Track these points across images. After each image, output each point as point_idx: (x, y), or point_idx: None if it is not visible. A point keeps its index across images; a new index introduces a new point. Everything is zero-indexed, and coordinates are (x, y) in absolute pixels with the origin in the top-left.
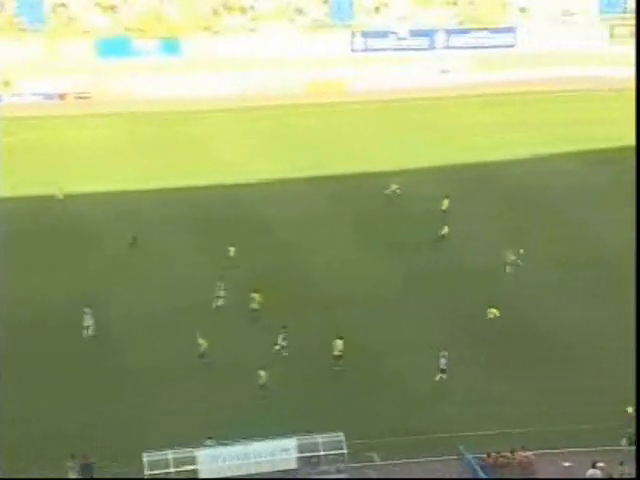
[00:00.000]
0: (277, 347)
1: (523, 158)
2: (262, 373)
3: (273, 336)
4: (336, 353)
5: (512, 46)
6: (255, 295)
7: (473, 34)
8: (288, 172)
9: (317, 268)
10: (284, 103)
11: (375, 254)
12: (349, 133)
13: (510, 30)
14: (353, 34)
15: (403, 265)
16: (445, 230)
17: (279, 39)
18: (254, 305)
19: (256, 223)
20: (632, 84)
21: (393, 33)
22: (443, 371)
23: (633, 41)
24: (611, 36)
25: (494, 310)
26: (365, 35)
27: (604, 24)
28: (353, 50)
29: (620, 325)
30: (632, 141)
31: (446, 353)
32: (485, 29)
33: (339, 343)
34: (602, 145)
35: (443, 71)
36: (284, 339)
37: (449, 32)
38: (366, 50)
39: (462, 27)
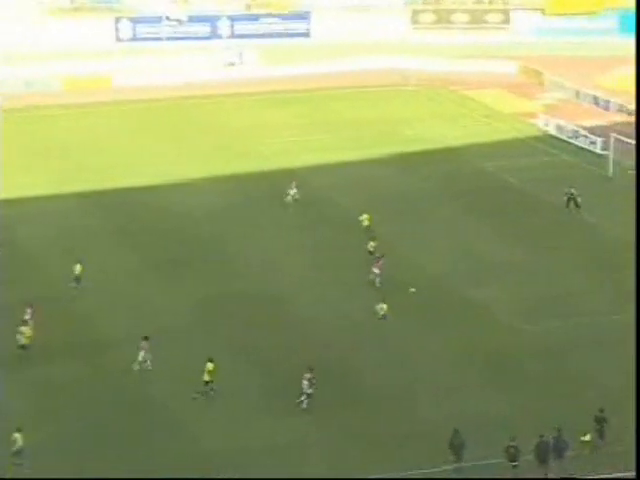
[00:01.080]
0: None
1: (317, 165)
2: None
3: None
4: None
5: (306, 35)
6: None
7: (262, 21)
8: (43, 187)
9: None
10: (34, 103)
11: None
12: (114, 138)
13: (303, 17)
14: (118, 20)
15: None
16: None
17: (19, 26)
18: None
19: None
20: (442, 76)
21: (167, 19)
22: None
23: (438, 28)
24: (413, 23)
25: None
26: (133, 21)
27: (406, 10)
28: (119, 39)
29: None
30: (446, 142)
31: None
32: (276, 15)
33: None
34: (412, 147)
35: (228, 64)
36: None
37: (234, 18)
38: (135, 39)
39: (249, 13)
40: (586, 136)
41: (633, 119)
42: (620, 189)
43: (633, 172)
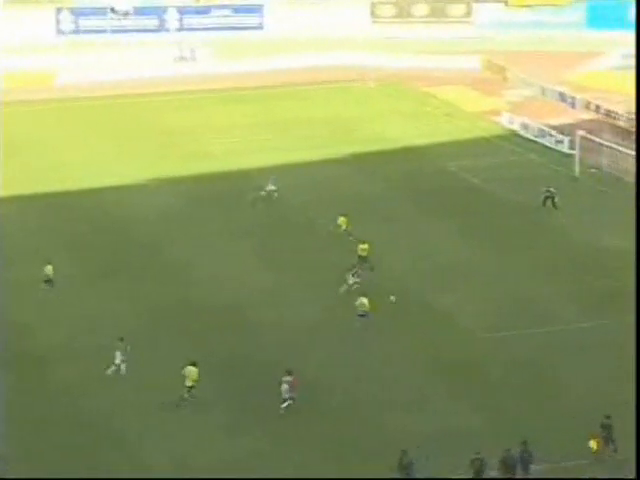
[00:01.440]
0: None
1: (272, 165)
2: None
3: None
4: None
5: (259, 28)
6: None
7: (213, 13)
8: None
9: None
10: None
11: None
12: (57, 138)
13: (256, 9)
14: (59, 10)
15: None
16: None
17: None
18: None
19: None
20: (402, 73)
21: (112, 10)
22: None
23: (398, 22)
24: (372, 16)
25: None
26: (75, 12)
27: (364, 2)
28: (60, 32)
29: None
30: (407, 141)
31: None
32: (227, 7)
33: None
34: (373, 147)
35: (177, 59)
36: None
37: (183, 10)
38: (77, 32)
39: (199, 5)
40: (552, 135)
41: (600, 117)
42: (586, 189)
43: (596, 171)
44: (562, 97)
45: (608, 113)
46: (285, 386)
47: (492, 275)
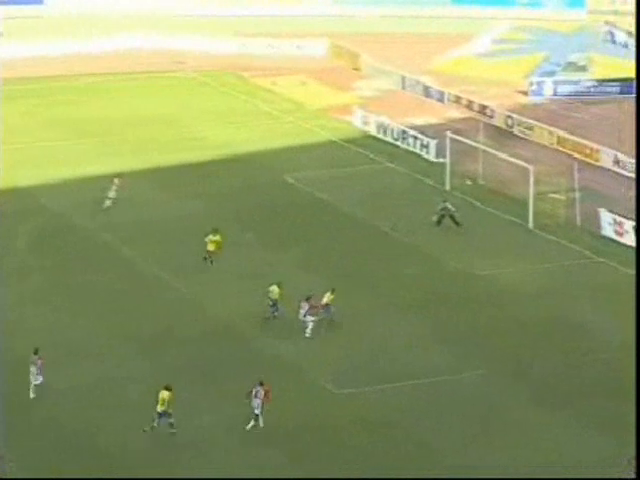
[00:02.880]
0: None
1: (50, 181)
2: None
3: None
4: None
5: (38, 2)
6: None
7: None
8: None
9: None
10: None
11: None
12: None
13: None
14: None
15: None
16: None
17: None
18: None
19: None
20: (228, 60)
21: None
22: None
23: None
24: None
25: None
26: None
27: None
28: None
29: None
30: (234, 147)
31: None
32: None
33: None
34: (186, 155)
35: None
36: None
37: None
38: None
39: None
40: (416, 137)
41: (474, 114)
42: (458, 206)
43: (471, 183)
44: (427, 90)
45: (483, 110)
46: (257, 401)
47: (344, 318)
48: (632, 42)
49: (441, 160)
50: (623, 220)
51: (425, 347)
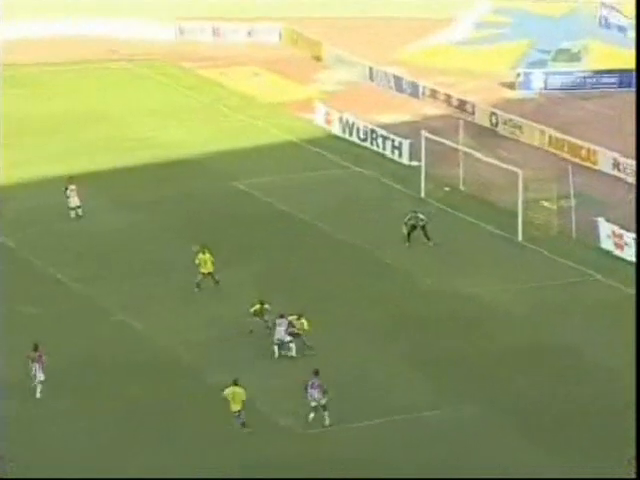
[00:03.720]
0: None
1: None
2: None
3: None
4: None
5: None
6: None
7: None
8: None
9: None
10: None
11: None
12: None
13: None
14: None
15: None
16: None
17: None
18: None
19: None
20: (167, 48)
21: None
22: None
23: None
24: None
25: None
26: None
27: None
28: None
29: None
30: (176, 150)
31: None
32: None
33: None
34: (120, 159)
35: None
36: None
37: None
38: None
39: None
40: (386, 137)
41: (452, 110)
42: (436, 215)
43: (449, 189)
44: (398, 83)
45: (463, 105)
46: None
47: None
48: (632, 26)
49: (415, 163)
50: (623, 232)
51: (400, 378)
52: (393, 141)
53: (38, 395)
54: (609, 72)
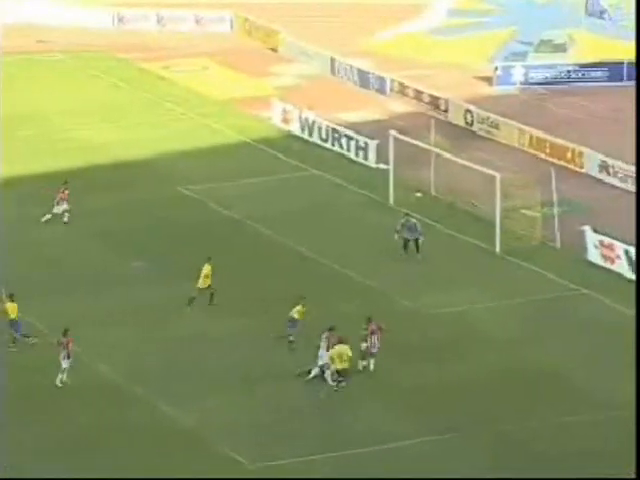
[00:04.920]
0: None
1: None
2: None
3: None
4: None
5: None
6: None
7: None
8: None
9: None
10: None
11: None
12: None
13: None
14: None
15: None
16: None
17: None
18: None
19: None
20: (106, 39)
21: None
22: None
23: None
24: None
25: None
26: None
27: None
28: None
29: None
30: (115, 152)
31: None
32: None
33: None
34: (52, 162)
35: None
36: None
37: None
38: None
39: None
40: (351, 137)
41: (424, 107)
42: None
43: (421, 195)
44: (364, 77)
45: (435, 102)
46: None
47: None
48: (622, 15)
49: (383, 166)
50: (613, 242)
51: (370, 406)
52: (358, 142)
53: (58, 383)
54: (597, 65)
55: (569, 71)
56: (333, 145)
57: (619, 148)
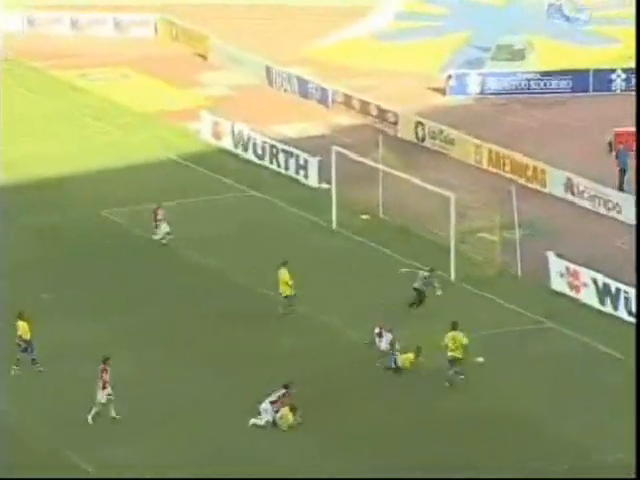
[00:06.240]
0: None
1: None
2: None
3: None
4: None
5: None
6: None
7: None
8: None
9: None
10: None
11: None
12: None
13: None
14: None
15: None
16: None
17: None
18: None
19: None
20: (14, 43)
21: None
22: None
23: None
24: None
25: None
26: None
27: None
28: None
29: None
30: (23, 169)
31: None
32: None
33: None
34: None
35: None
36: None
37: None
38: None
39: None
40: (290, 153)
41: (370, 120)
42: (352, 254)
43: (368, 217)
44: (304, 87)
45: (383, 115)
46: None
47: (195, 414)
48: (585, 18)
49: (325, 186)
50: (579, 269)
51: (321, 462)
52: (298, 158)
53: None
54: (560, 73)
55: (529, 80)
56: (270, 162)
57: (586, 165)
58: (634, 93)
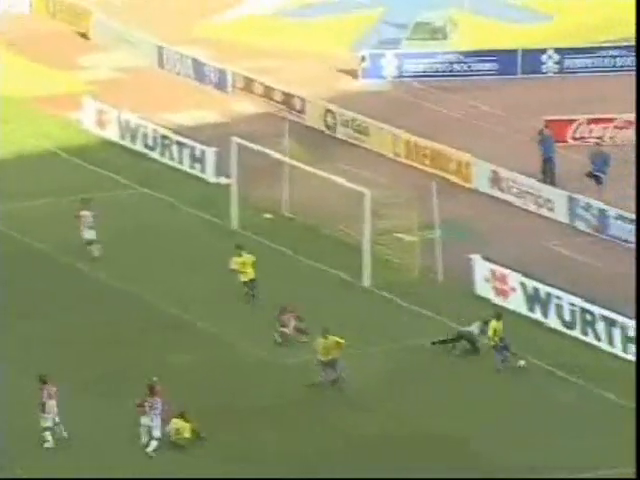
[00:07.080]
0: None
1: None
2: None
3: None
4: None
5: None
6: None
7: None
8: None
9: None
10: None
11: None
12: None
13: None
14: None
15: None
16: None
17: None
18: None
19: None
20: None
21: None
22: None
23: None
24: None
25: None
26: None
27: None
28: None
29: None
30: None
31: None
32: None
33: None
34: None
35: None
36: None
37: None
38: None
39: None
40: (184, 144)
41: (274, 107)
42: (254, 252)
43: (272, 217)
44: (199, 70)
45: (288, 101)
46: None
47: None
48: None
49: (224, 181)
50: (507, 272)
51: None
52: (193, 150)
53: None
54: (485, 54)
55: (451, 62)
56: (162, 155)
57: (514, 157)
58: (567, 76)
